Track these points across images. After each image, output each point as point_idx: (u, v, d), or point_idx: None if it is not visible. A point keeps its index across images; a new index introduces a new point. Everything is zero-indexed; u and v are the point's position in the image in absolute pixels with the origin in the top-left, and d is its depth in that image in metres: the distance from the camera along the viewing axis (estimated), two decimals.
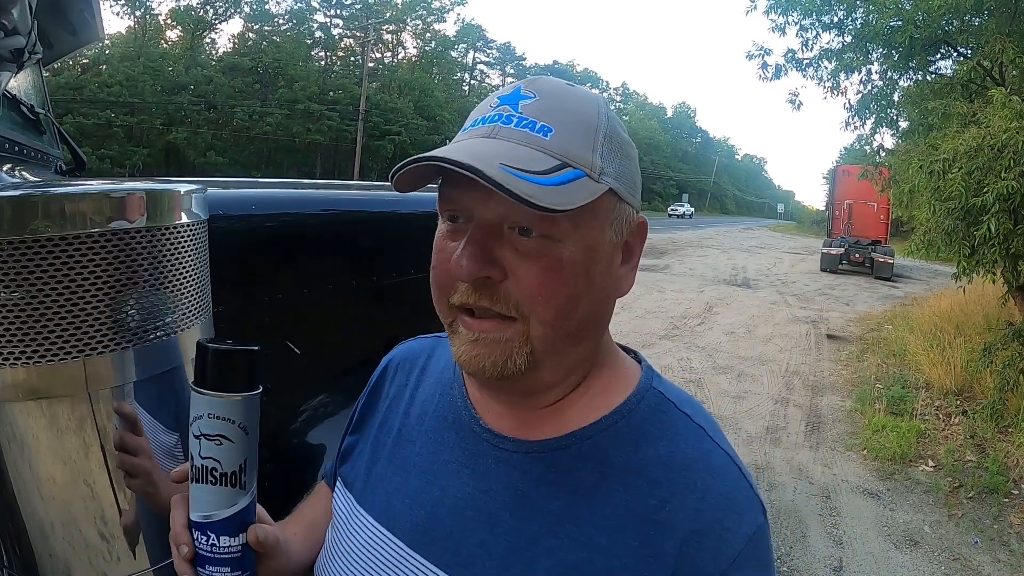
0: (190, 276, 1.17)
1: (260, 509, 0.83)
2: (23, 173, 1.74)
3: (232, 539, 0.76)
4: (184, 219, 1.14)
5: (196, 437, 0.74)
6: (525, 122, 0.70)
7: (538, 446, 0.77)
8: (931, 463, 5.42)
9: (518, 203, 0.62)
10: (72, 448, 1.05)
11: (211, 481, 0.74)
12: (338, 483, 0.94)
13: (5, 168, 1.60)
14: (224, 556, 0.76)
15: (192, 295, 1.18)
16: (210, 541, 0.75)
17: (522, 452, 0.77)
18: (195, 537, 0.76)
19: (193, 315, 1.19)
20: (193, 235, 1.17)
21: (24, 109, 1.87)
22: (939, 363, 7.48)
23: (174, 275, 1.13)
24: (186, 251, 1.15)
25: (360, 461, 0.92)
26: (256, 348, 0.76)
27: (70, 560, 1.09)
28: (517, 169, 0.64)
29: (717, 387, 7.24)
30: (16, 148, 1.72)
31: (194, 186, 1.21)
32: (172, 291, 1.13)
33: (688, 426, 0.77)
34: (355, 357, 1.99)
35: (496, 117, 0.71)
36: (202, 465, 0.74)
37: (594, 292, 0.72)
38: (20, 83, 2.12)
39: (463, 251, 0.69)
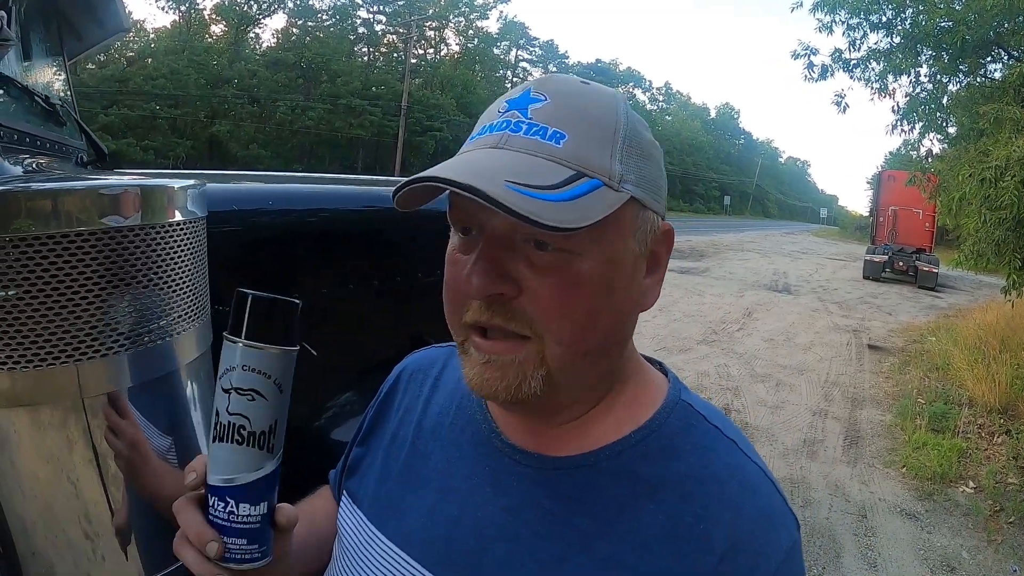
0: (186, 276, 1.11)
1: None
2: (38, 165, 1.70)
3: (252, 508, 0.68)
4: (179, 217, 1.08)
5: (226, 391, 0.67)
6: (535, 128, 0.65)
7: (564, 463, 0.73)
8: (972, 484, 5.24)
9: (530, 224, 0.57)
10: (55, 445, 1.01)
11: (237, 440, 0.67)
12: (344, 497, 0.89)
13: (20, 159, 1.57)
14: (242, 526, 0.68)
15: (188, 296, 1.12)
16: (228, 508, 0.67)
17: (547, 469, 0.74)
18: (211, 503, 0.68)
19: (190, 317, 1.13)
20: (189, 233, 1.12)
21: (40, 101, 1.84)
22: (983, 379, 7.25)
23: (169, 276, 1.07)
24: (182, 250, 1.09)
25: (370, 476, 0.88)
26: (299, 303, 0.70)
27: (53, 559, 1.05)
28: (523, 185, 0.60)
29: (754, 396, 7.10)
30: (29, 140, 1.68)
31: (190, 182, 1.15)
32: (167, 292, 1.07)
33: (719, 439, 0.74)
34: (376, 358, 1.94)
35: (504, 124, 0.67)
36: (229, 422, 0.67)
37: (615, 307, 0.68)
38: (43, 76, 2.10)
39: (474, 266, 0.66)
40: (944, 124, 8.76)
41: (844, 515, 4.60)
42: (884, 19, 8.35)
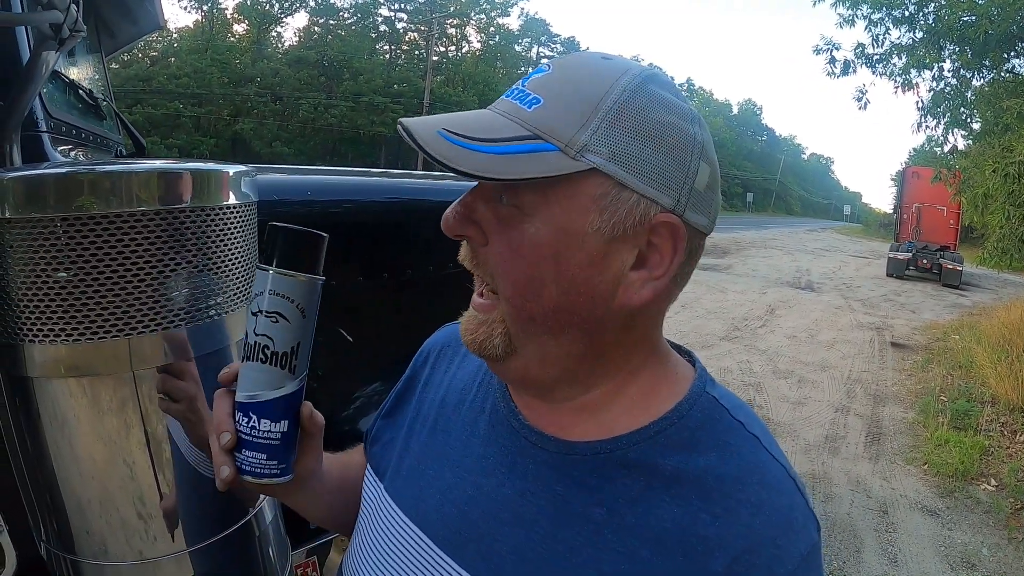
0: (238, 257, 1.16)
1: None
2: (81, 156, 1.76)
3: (273, 424, 0.75)
4: (232, 200, 1.14)
5: (254, 314, 0.74)
6: (518, 94, 0.68)
7: (581, 448, 0.72)
8: (993, 482, 5.21)
9: (440, 166, 0.62)
10: (112, 427, 1.06)
11: (262, 359, 0.74)
12: (368, 469, 0.91)
13: (64, 151, 1.63)
14: (262, 441, 0.75)
15: (239, 277, 1.17)
16: (250, 423, 0.75)
17: (563, 453, 0.72)
18: (237, 419, 0.76)
19: (240, 297, 1.18)
20: (241, 216, 1.17)
21: (83, 95, 1.91)
22: (1006, 377, 7.18)
23: (221, 255, 1.12)
24: (234, 232, 1.14)
25: (392, 449, 0.88)
26: (326, 236, 0.76)
27: (107, 537, 1.10)
28: (458, 135, 0.64)
29: (776, 392, 7.08)
30: (75, 132, 1.74)
31: (243, 168, 1.20)
32: (219, 272, 1.12)
33: (742, 435, 0.71)
34: (407, 348, 1.98)
35: (507, 92, 0.70)
36: (255, 342, 0.74)
37: (565, 282, 0.66)
38: (83, 71, 2.17)
39: (452, 206, 0.70)
40: (968, 119, 8.69)
41: (865, 511, 4.60)
42: (907, 13, 8.29)
